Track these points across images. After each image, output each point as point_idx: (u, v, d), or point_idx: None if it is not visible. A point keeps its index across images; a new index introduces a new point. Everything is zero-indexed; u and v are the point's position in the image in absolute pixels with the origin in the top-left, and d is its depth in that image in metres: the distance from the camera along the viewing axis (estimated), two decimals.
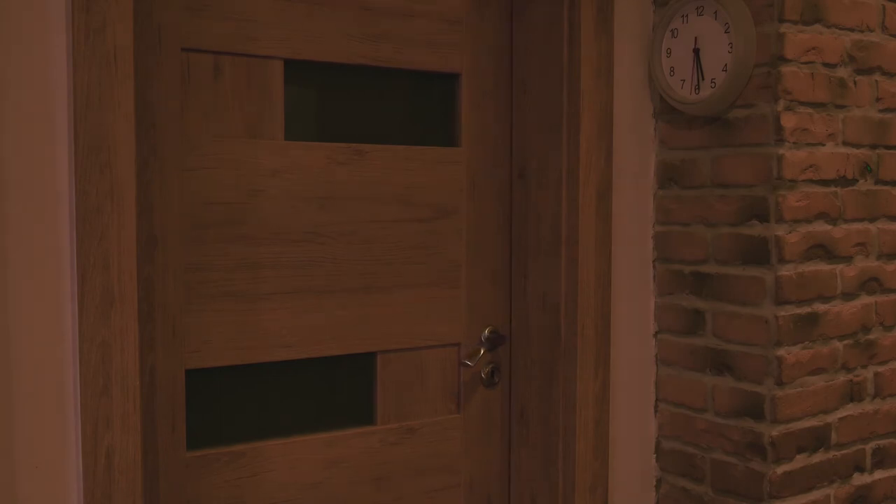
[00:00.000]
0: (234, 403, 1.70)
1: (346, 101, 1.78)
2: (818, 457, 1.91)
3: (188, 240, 1.61)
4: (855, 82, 1.92)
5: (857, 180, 1.94)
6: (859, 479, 2.00)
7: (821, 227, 1.88)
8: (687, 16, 1.92)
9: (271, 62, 1.67)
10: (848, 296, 1.94)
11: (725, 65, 1.84)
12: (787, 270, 1.83)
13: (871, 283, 1.98)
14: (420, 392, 1.88)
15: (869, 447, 2.01)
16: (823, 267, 1.89)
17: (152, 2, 1.54)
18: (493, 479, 1.99)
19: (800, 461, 1.88)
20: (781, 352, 1.83)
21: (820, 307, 1.89)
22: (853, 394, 1.97)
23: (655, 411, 2.08)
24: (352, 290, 1.77)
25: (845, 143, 1.92)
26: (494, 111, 1.95)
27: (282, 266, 1.70)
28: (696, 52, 1.90)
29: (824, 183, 1.88)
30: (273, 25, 1.66)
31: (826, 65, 1.87)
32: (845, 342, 1.95)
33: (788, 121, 1.81)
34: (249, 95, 1.66)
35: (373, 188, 1.79)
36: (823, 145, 1.87)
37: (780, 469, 1.85)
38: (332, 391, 1.80)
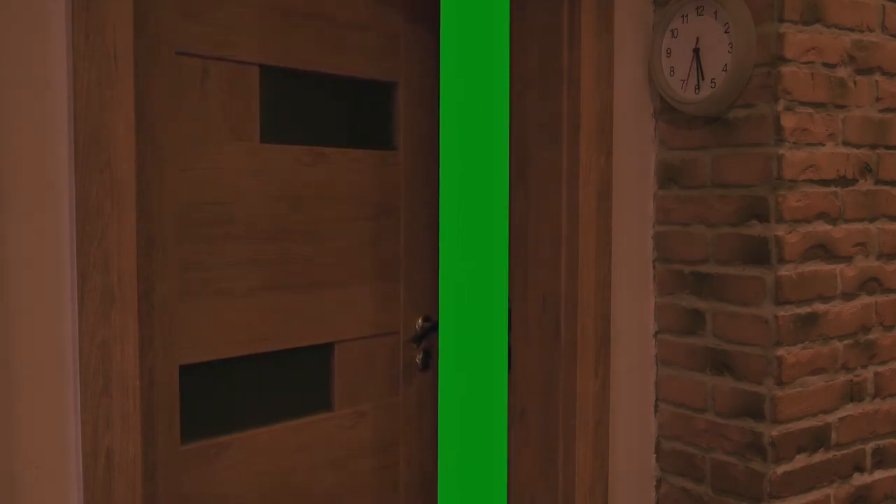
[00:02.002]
0: (220, 396, 1.72)
1: (309, 106, 1.85)
2: (818, 457, 1.91)
3: (184, 239, 1.62)
4: (855, 82, 1.92)
5: (857, 180, 1.94)
6: (859, 479, 2.00)
7: (821, 227, 1.88)
8: (687, 16, 1.92)
9: (249, 68, 1.72)
10: (848, 296, 1.94)
11: (725, 65, 1.84)
12: (787, 270, 1.83)
13: (871, 283, 1.98)
14: (368, 378, 1.95)
15: (869, 447, 2.01)
16: (823, 267, 1.89)
17: (150, 5, 1.54)
18: (427, 457, 2.05)
19: (800, 461, 1.88)
20: (781, 352, 1.83)
21: (820, 307, 1.89)
22: (853, 394, 1.97)
23: (655, 411, 2.08)
24: (317, 284, 1.84)
25: (845, 143, 1.92)
26: (426, 118, 2.01)
27: (262, 263, 1.75)
28: (696, 52, 1.90)
29: (824, 183, 1.88)
30: (251, 33, 1.71)
31: (826, 65, 1.87)
32: (845, 342, 1.94)
33: (788, 121, 1.81)
34: (232, 98, 1.70)
35: (333, 189, 1.86)
36: (823, 145, 1.87)
37: (780, 469, 1.85)
38: (299, 381, 1.86)
